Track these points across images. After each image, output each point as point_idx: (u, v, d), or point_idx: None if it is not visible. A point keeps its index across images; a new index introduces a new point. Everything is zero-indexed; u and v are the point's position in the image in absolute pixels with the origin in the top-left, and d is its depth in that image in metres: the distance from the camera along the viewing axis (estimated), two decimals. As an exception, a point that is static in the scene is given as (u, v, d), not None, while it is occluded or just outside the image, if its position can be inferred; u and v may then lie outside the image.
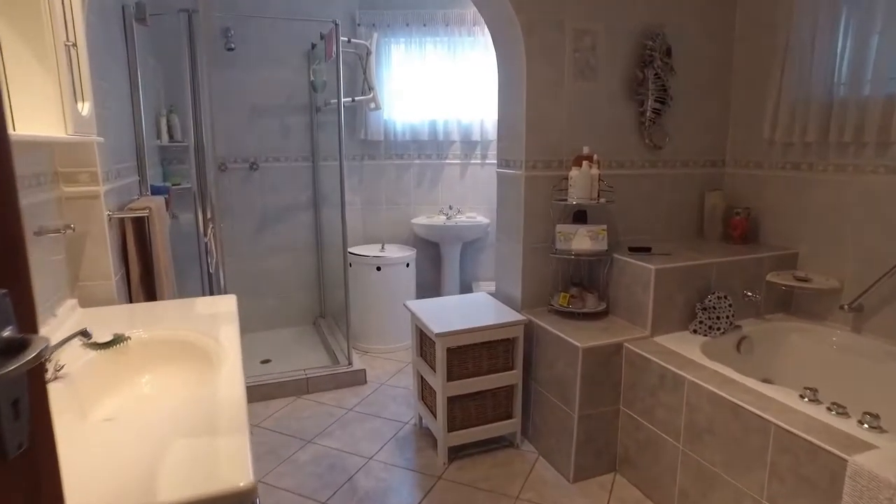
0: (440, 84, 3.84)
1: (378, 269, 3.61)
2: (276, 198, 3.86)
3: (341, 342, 3.57)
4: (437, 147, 3.98)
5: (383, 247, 3.83)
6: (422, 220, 3.94)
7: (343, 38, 3.40)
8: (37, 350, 0.46)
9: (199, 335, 1.62)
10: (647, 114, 2.62)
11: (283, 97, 3.75)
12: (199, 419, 1.12)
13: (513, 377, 2.49)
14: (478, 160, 3.99)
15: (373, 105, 3.72)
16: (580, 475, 2.31)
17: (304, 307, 4.09)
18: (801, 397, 1.72)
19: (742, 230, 2.71)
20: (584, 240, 2.45)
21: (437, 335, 2.30)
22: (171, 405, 1.25)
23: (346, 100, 3.61)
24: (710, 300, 2.34)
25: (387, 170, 4.01)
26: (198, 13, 2.35)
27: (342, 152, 3.14)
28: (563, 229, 2.48)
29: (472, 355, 2.41)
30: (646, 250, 2.51)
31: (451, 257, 3.94)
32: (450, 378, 2.38)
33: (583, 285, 2.57)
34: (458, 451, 2.52)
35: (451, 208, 3.97)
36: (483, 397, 2.49)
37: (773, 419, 1.61)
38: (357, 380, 3.23)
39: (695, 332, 2.34)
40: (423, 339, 2.57)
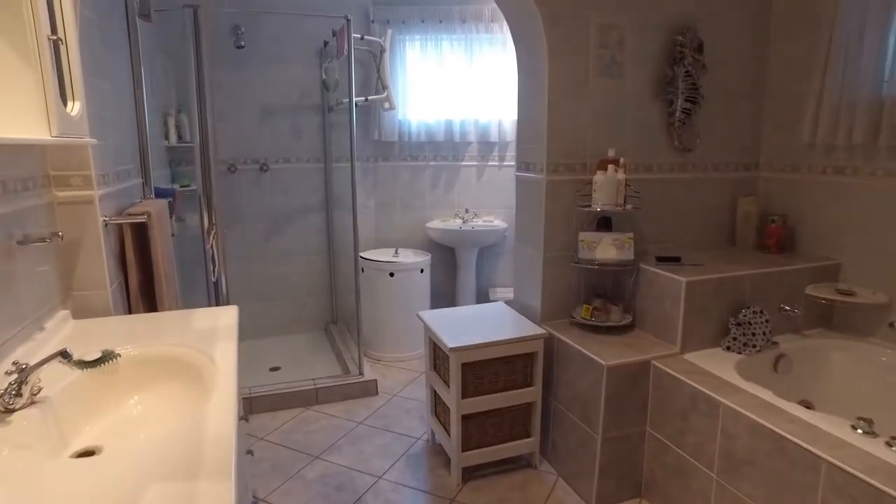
0: (457, 83, 3.71)
1: (391, 274, 3.48)
2: (287, 200, 3.76)
3: (353, 350, 3.45)
4: (453, 148, 3.84)
5: (397, 251, 3.70)
6: (437, 224, 3.80)
7: (356, 34, 3.28)
8: None
9: (193, 352, 1.51)
10: (677, 114, 2.46)
11: (295, 97, 3.64)
12: (183, 458, 1.00)
13: (531, 394, 2.34)
14: (495, 162, 3.85)
15: (387, 105, 3.59)
16: (603, 500, 2.15)
17: (316, 313, 3.98)
18: (854, 428, 1.55)
19: (778, 239, 2.53)
20: (608, 248, 2.30)
21: (452, 350, 2.17)
22: (155, 436, 1.14)
23: (359, 99, 3.50)
24: (744, 315, 2.17)
25: (401, 171, 3.89)
26: (201, 8, 2.23)
27: (354, 153, 3.02)
28: (586, 237, 2.33)
29: (488, 371, 2.27)
30: (675, 260, 2.35)
31: (467, 263, 3.80)
32: (465, 395, 2.24)
33: (607, 297, 2.42)
34: (472, 472, 2.38)
35: (467, 212, 3.82)
36: (500, 415, 2.34)
37: (824, 455, 1.45)
38: (368, 391, 3.11)
39: (728, 349, 2.17)
40: (437, 352, 2.44)
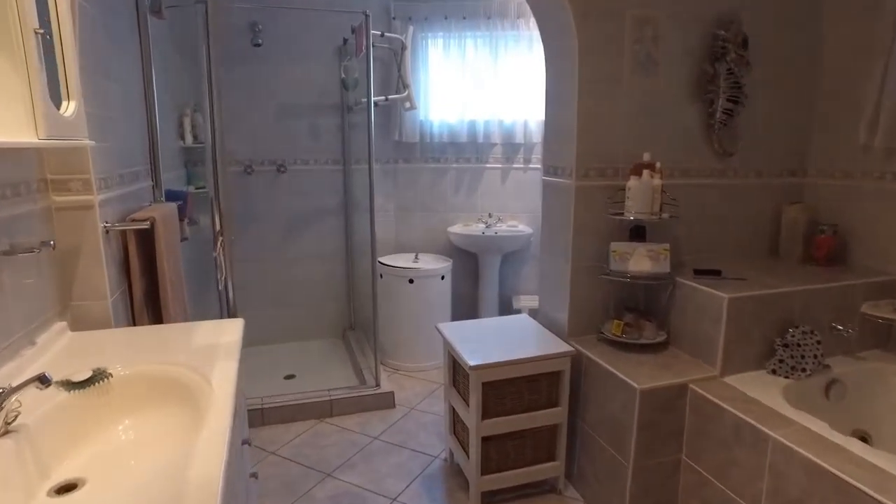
0: (481, 82, 3.56)
1: (410, 281, 3.35)
2: (305, 203, 3.65)
3: (370, 359, 3.32)
4: (476, 150, 3.69)
5: (417, 257, 3.57)
6: (459, 228, 3.66)
7: (376, 31, 3.16)
8: None
9: (189, 373, 1.39)
10: (718, 115, 2.28)
11: (313, 96, 3.53)
12: (167, 500, 0.88)
13: (557, 415, 2.18)
14: (520, 164, 3.69)
15: (408, 104, 3.46)
16: (634, 533, 1.99)
17: (333, 318, 3.87)
18: (927, 474, 1.36)
19: (827, 251, 2.33)
20: (642, 260, 2.13)
21: (472, 368, 2.02)
22: (142, 470, 1.04)
23: (379, 98, 3.38)
24: (792, 335, 1.98)
25: (422, 174, 3.75)
26: (212, 3, 2.12)
27: (372, 155, 2.89)
28: (618, 247, 2.16)
29: (511, 390, 2.12)
30: (714, 273, 2.17)
31: (489, 269, 3.65)
32: (485, 415, 2.10)
33: (639, 312, 2.24)
34: (492, 496, 2.23)
35: (490, 216, 3.67)
36: (522, 437, 2.19)
37: (895, 507, 1.27)
38: (384, 403, 2.98)
39: (774, 372, 1.99)
40: (456, 368, 2.30)
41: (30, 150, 1.54)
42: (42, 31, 1.24)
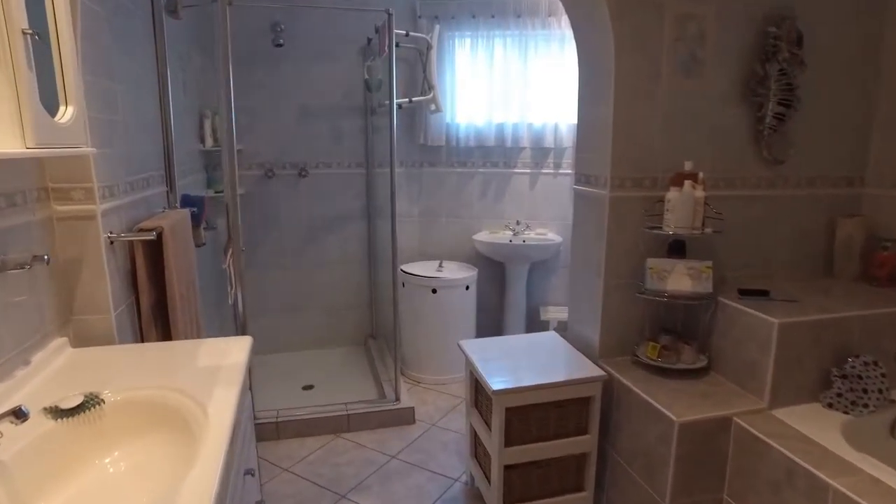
0: (509, 83, 3.40)
1: (434, 291, 3.22)
2: (327, 207, 3.56)
3: (390, 370, 3.21)
4: (504, 154, 3.54)
5: (441, 265, 3.44)
6: (485, 236, 3.51)
7: (401, 31, 3.05)
8: None
9: (186, 400, 1.28)
10: (767, 120, 2.09)
11: (336, 98, 3.43)
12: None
13: (586, 444, 2.02)
14: (550, 170, 3.52)
15: (433, 107, 3.34)
16: (669, 577, 1.82)
17: (354, 326, 3.77)
18: None
19: (890, 269, 2.12)
20: (682, 279, 1.96)
21: (496, 392, 1.88)
22: None
23: (403, 100, 3.27)
24: (852, 366, 1.78)
25: (448, 178, 3.62)
26: (224, 2, 2.03)
27: (394, 158, 2.77)
28: (655, 264, 1.99)
29: (536, 416, 1.97)
30: (762, 294, 1.98)
31: (516, 279, 3.49)
32: (508, 442, 1.95)
33: (677, 334, 2.07)
34: (514, 528, 2.09)
35: (518, 223, 3.52)
36: (548, 465, 2.04)
37: None
38: (404, 419, 2.86)
39: (830, 406, 1.79)
40: (479, 388, 2.16)
41: (27, 158, 1.46)
42: (32, 32, 1.14)
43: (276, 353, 3.61)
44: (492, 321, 3.64)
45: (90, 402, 1.25)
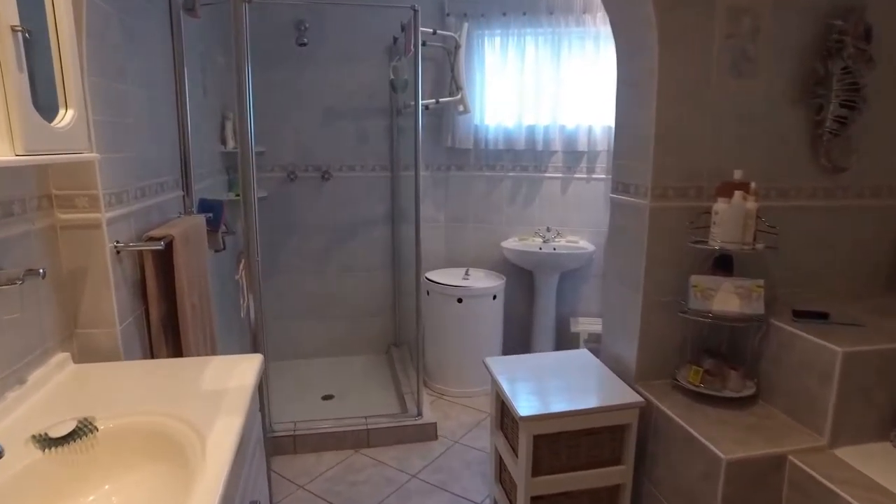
0: (541, 84, 3.25)
1: (459, 300, 3.08)
2: (350, 211, 3.45)
3: (413, 381, 3.09)
4: (535, 157, 3.39)
5: (467, 272, 3.30)
6: (513, 243, 3.36)
7: (428, 28, 2.92)
8: None
9: (186, 428, 1.18)
10: (827, 123, 1.89)
11: (361, 98, 3.32)
12: None
13: (620, 475, 1.87)
14: (583, 174, 3.35)
15: (461, 108, 3.20)
16: None
17: (377, 334, 3.66)
18: None
19: (965, 290, 1.91)
20: (729, 298, 1.78)
21: (523, 419, 1.73)
22: None
23: (430, 101, 3.14)
24: (926, 400, 1.59)
25: (476, 182, 3.48)
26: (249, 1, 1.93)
27: (419, 162, 2.65)
28: (700, 282, 1.82)
29: (567, 444, 1.82)
30: (820, 317, 1.79)
31: (546, 288, 3.33)
32: (536, 472, 1.80)
33: (721, 357, 1.90)
34: (541, 562, 1.94)
35: (548, 230, 3.36)
36: (579, 497, 1.88)
37: None
38: (426, 435, 2.73)
39: (900, 444, 1.61)
40: (504, 410, 2.02)
41: (22, 166, 1.37)
42: (22, 29, 1.05)
43: (296, 359, 3.53)
44: (519, 332, 3.49)
45: (83, 430, 1.16)
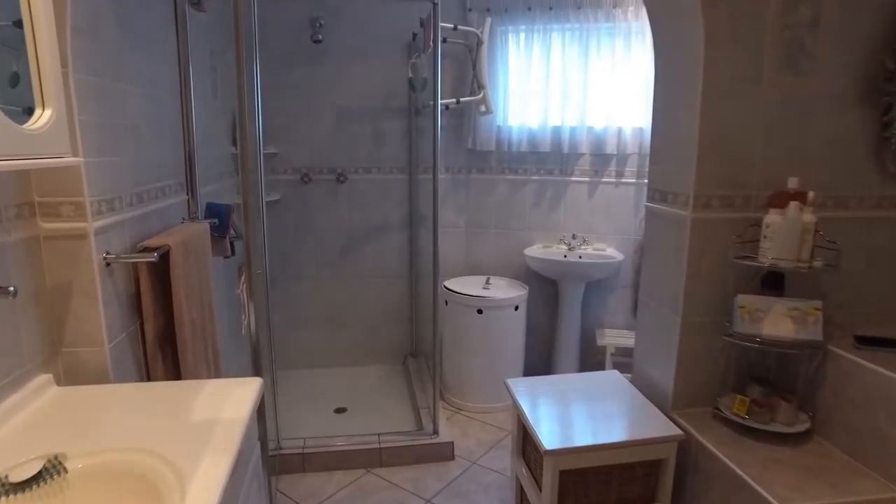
0: (568, 83, 3.07)
1: (479, 311, 2.92)
2: (366, 215, 3.31)
3: (429, 395, 2.92)
4: (560, 160, 3.21)
5: (488, 281, 3.14)
6: (537, 250, 3.19)
7: (448, 24, 2.77)
8: None
9: (166, 469, 1.03)
10: None
11: (379, 98, 3.18)
12: None
13: (655, 515, 1.69)
14: (611, 178, 3.16)
15: (483, 108, 3.04)
16: None
17: (393, 343, 3.52)
18: None
19: None
20: (782, 321, 1.59)
21: (548, 453, 1.57)
22: None
23: (450, 101, 2.99)
24: None
25: (498, 186, 3.32)
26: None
27: (437, 164, 2.49)
28: (748, 302, 1.63)
29: (596, 479, 1.65)
30: (889, 344, 1.59)
31: (571, 298, 3.15)
32: (560, 510, 1.64)
33: (770, 385, 1.71)
34: None
35: (574, 238, 3.18)
36: (608, 537, 1.71)
37: None
38: (442, 454, 2.57)
39: (982, 494, 1.40)
40: (527, 437, 1.85)
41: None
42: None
43: (309, 368, 3.40)
44: (542, 344, 3.31)
45: (50, 472, 1.02)
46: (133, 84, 1.69)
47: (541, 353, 3.31)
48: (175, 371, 1.77)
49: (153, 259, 1.53)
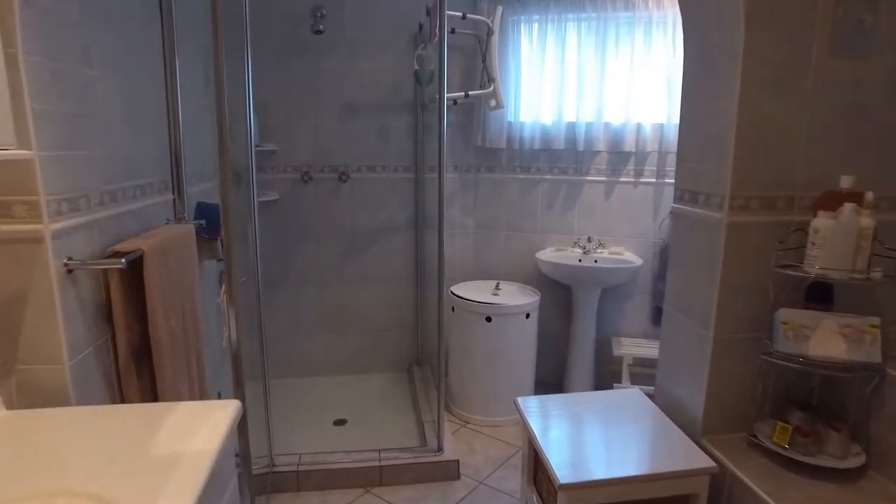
0: (584, 76, 2.88)
1: (488, 319, 2.74)
2: (370, 216, 3.15)
3: (434, 406, 2.76)
4: (575, 158, 3.02)
5: (498, 286, 2.96)
6: (550, 254, 3.00)
7: (457, 12, 2.60)
8: None
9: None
10: (958, 118, 1.49)
11: (383, 92, 3.01)
12: None
13: (684, 556, 1.50)
14: (629, 178, 2.97)
15: (493, 102, 2.86)
16: None
17: (398, 350, 3.34)
18: None
19: None
20: (833, 339, 1.40)
21: (563, 487, 1.38)
22: None
23: (458, 95, 2.81)
24: None
25: (509, 186, 3.13)
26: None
27: (442, 160, 2.30)
28: (792, 318, 1.44)
29: (616, 516, 1.46)
30: (954, 367, 1.39)
31: (585, 305, 2.96)
32: (577, 550, 1.45)
33: (815, 411, 1.51)
34: None
35: (589, 240, 2.99)
36: (630, 579, 1.53)
37: None
38: (447, 473, 2.40)
39: None
40: (538, 461, 1.67)
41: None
42: None
43: (309, 376, 3.24)
44: (555, 353, 3.13)
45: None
46: (105, 71, 1.53)
47: (553, 363, 3.13)
48: (152, 388, 1.60)
49: (120, 266, 1.36)
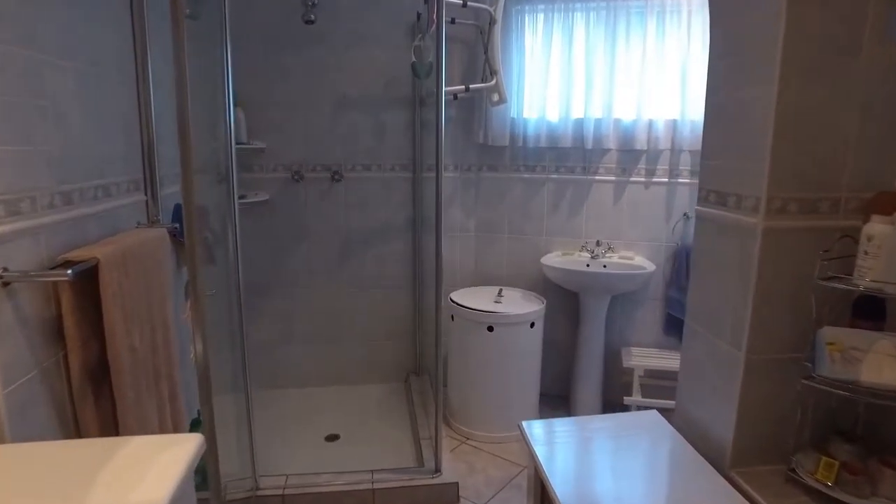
0: (592, 69, 2.70)
1: (490, 328, 2.56)
2: (365, 218, 2.97)
3: (432, 423, 2.58)
4: (583, 157, 2.84)
5: (501, 292, 2.78)
6: (556, 259, 2.83)
7: (456, 0, 2.42)
8: None
9: None
10: None
11: (379, 86, 2.84)
12: None
13: None
14: (640, 178, 2.79)
15: (496, 97, 2.68)
16: None
17: (395, 360, 3.17)
18: None
19: None
20: (888, 364, 1.21)
21: (573, 533, 1.21)
22: None
23: (458, 88, 2.64)
24: None
25: (512, 186, 2.96)
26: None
27: (440, 158, 2.11)
28: (839, 338, 1.26)
29: (636, 564, 1.28)
30: None
31: (594, 313, 2.78)
32: None
33: (863, 444, 1.33)
34: None
35: (598, 244, 2.81)
36: None
37: None
38: (445, 497, 2.22)
39: None
40: (545, 494, 1.49)
41: None
42: None
43: (300, 387, 3.07)
44: (561, 365, 2.95)
45: None
46: (57, 56, 1.36)
47: (559, 375, 2.95)
48: (114, 412, 1.43)
49: (66, 277, 1.19)
